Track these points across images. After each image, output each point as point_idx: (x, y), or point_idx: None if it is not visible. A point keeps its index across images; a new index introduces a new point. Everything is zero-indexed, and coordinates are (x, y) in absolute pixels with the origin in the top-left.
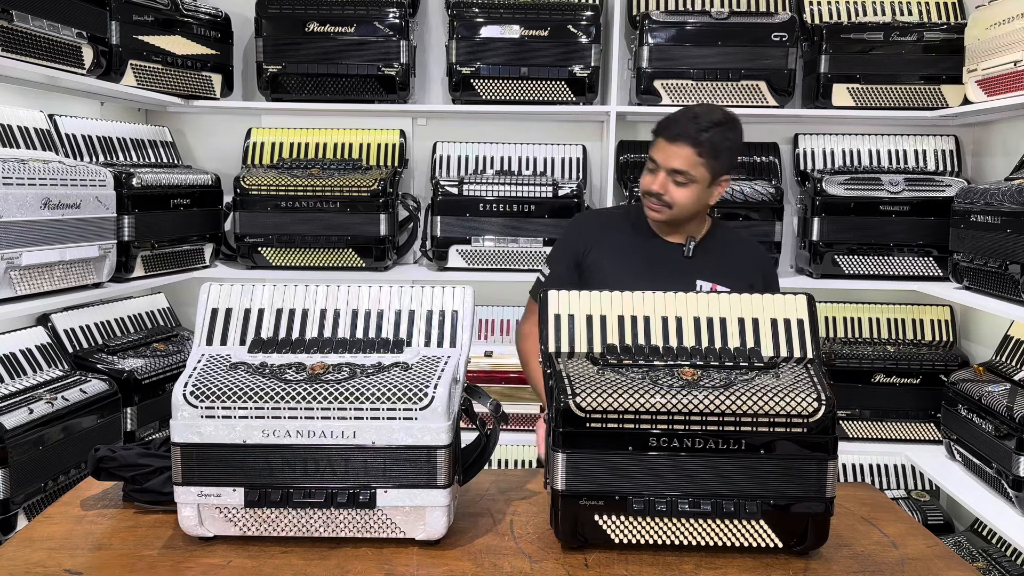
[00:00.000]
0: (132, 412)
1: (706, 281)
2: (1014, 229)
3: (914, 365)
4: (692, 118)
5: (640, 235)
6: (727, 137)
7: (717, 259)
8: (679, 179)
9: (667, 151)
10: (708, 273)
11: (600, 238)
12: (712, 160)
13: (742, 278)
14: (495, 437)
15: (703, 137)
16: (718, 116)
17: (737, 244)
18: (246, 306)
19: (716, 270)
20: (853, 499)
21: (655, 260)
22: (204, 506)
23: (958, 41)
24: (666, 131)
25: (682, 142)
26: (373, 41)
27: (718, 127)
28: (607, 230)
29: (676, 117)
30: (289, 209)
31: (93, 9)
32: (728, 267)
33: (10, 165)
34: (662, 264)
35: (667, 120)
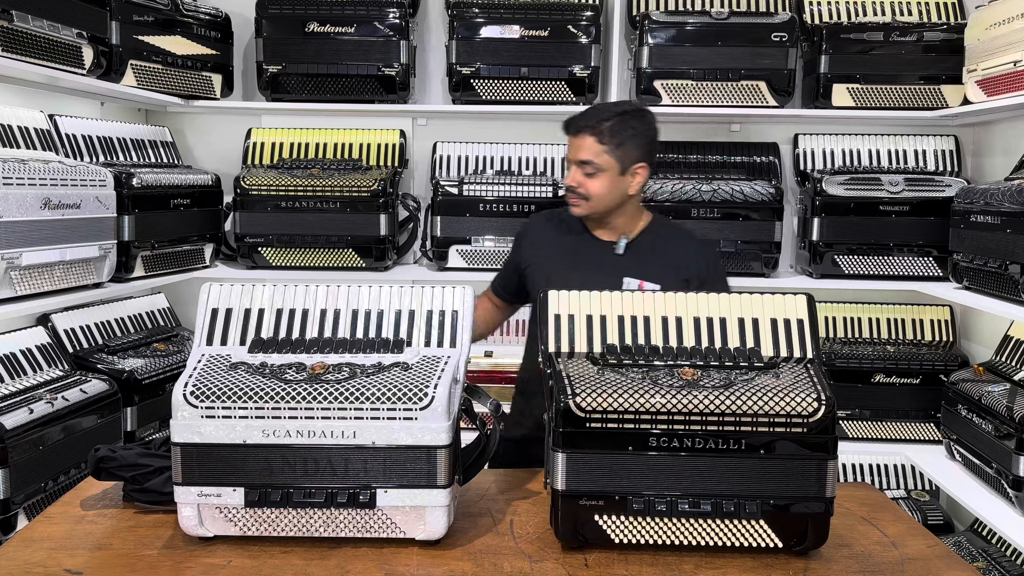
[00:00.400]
0: (132, 412)
1: (633, 278)
2: (1014, 229)
3: (914, 365)
4: (594, 111)
5: (579, 235)
6: (630, 125)
7: (648, 256)
8: (588, 170)
9: (573, 145)
10: (636, 270)
11: (539, 238)
12: (616, 148)
13: (674, 274)
14: (495, 437)
15: (603, 126)
16: (622, 107)
17: (673, 240)
18: (246, 306)
19: (645, 267)
20: (853, 499)
21: (586, 258)
22: (204, 506)
23: (958, 41)
24: (570, 127)
25: (584, 133)
26: (373, 41)
27: (619, 116)
28: (548, 231)
29: (581, 113)
30: (289, 209)
31: (93, 9)
32: (659, 263)
33: (10, 165)
34: (592, 261)
35: (571, 116)
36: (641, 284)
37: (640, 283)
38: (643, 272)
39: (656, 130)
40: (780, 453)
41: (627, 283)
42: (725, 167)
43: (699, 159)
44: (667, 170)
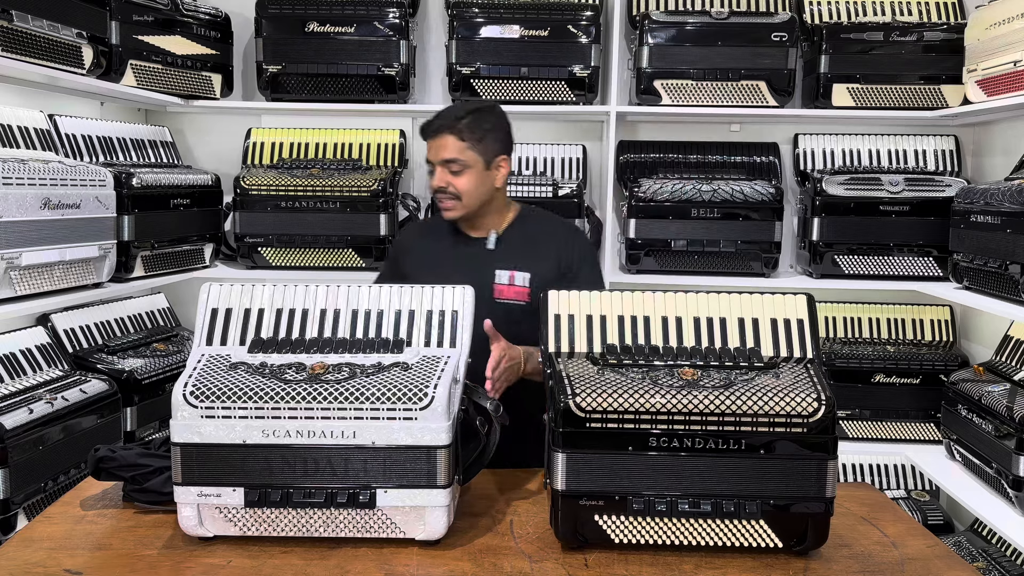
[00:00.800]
0: (132, 412)
1: (504, 270)
2: (1014, 229)
3: (914, 365)
4: (447, 112)
5: (449, 237)
6: (485, 120)
7: (518, 246)
8: (454, 168)
9: (434, 147)
10: (507, 262)
11: (413, 247)
12: (477, 143)
13: (543, 260)
14: (495, 437)
15: (461, 124)
16: (473, 105)
17: (542, 229)
18: (246, 306)
19: (516, 258)
20: (853, 499)
21: (459, 258)
22: (204, 506)
23: (958, 41)
24: (427, 130)
25: (443, 133)
26: (373, 41)
27: (473, 113)
28: (422, 238)
29: (435, 115)
30: (289, 209)
31: (93, 9)
32: (530, 253)
33: (10, 165)
34: (465, 260)
35: (427, 121)
36: (512, 275)
37: (511, 274)
38: (514, 263)
39: (509, 123)
40: (780, 453)
41: (499, 275)
42: (725, 167)
43: (699, 159)
44: (667, 170)
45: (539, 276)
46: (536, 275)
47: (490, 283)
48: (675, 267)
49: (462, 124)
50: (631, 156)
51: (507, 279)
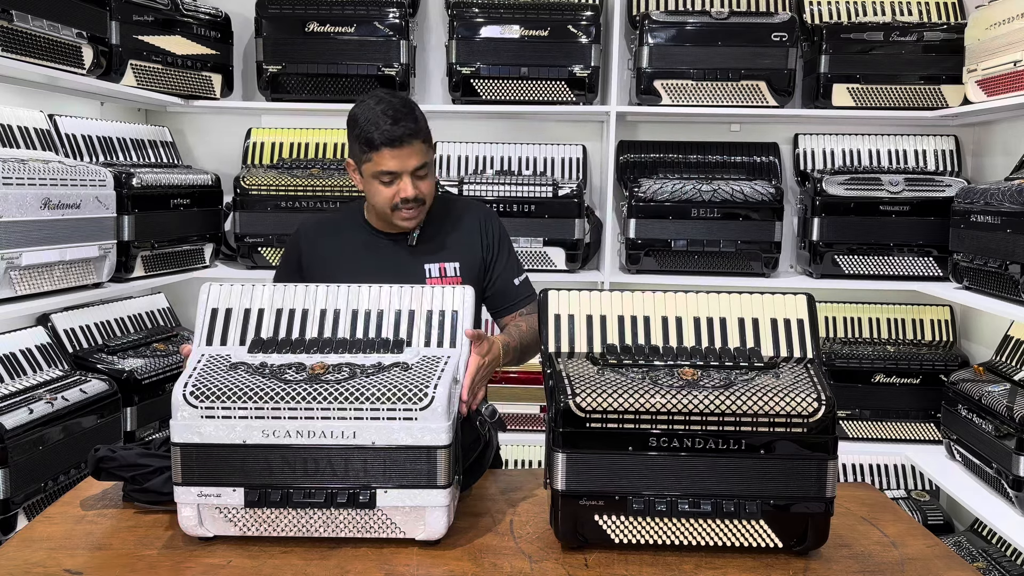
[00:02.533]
0: (132, 412)
1: (432, 264)
2: (1014, 229)
3: (914, 365)
4: (401, 114)
5: (363, 236)
6: (422, 113)
7: (439, 238)
8: (421, 173)
9: (401, 155)
10: (433, 256)
11: (313, 247)
12: (431, 139)
13: (466, 247)
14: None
15: (421, 125)
16: (405, 100)
17: (458, 215)
18: (246, 306)
19: (440, 250)
20: (853, 499)
21: (380, 258)
22: (204, 506)
23: (958, 41)
24: (387, 139)
25: (414, 140)
26: (373, 41)
27: (415, 109)
28: (322, 238)
29: (383, 124)
30: (289, 209)
31: (93, 9)
32: (450, 242)
33: (10, 165)
34: (387, 260)
35: (378, 129)
36: (442, 267)
37: (441, 266)
38: (441, 256)
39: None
40: (780, 453)
41: (428, 270)
42: (725, 167)
43: (699, 159)
44: (667, 170)
45: (465, 264)
46: (463, 263)
47: (420, 279)
48: (675, 267)
49: (420, 125)
50: (631, 156)
51: (438, 272)
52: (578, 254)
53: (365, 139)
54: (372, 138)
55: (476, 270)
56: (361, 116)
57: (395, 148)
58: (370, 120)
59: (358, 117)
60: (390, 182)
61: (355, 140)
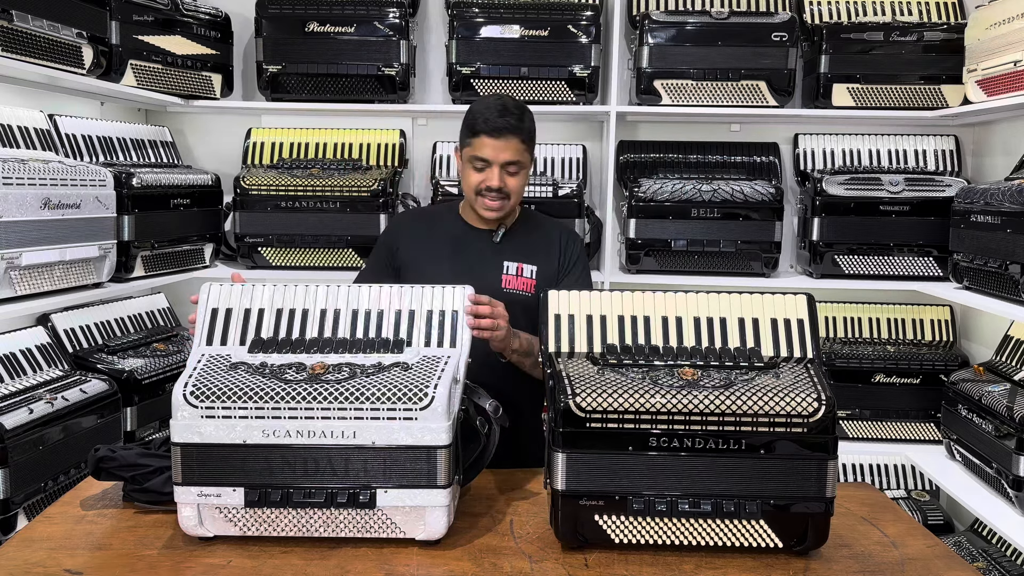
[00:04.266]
0: (132, 412)
1: (512, 262)
2: (1014, 229)
3: (914, 365)
4: (505, 111)
5: (454, 227)
6: (531, 119)
7: (523, 242)
8: (512, 169)
9: (496, 146)
10: (514, 255)
11: (411, 235)
12: (532, 145)
13: (547, 259)
14: (495, 438)
15: (524, 126)
16: (519, 103)
17: (543, 228)
18: (246, 306)
19: (521, 252)
20: (853, 499)
21: (464, 249)
22: (204, 506)
23: (958, 41)
24: (488, 128)
25: (511, 135)
26: (373, 41)
27: (525, 112)
28: (421, 226)
29: (489, 115)
30: (289, 209)
31: (93, 9)
32: (532, 248)
33: (10, 165)
34: (470, 252)
35: (483, 118)
36: (520, 267)
37: (519, 266)
38: (521, 257)
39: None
40: (780, 453)
41: (507, 266)
42: (725, 167)
43: (699, 159)
44: (667, 170)
45: (542, 272)
46: (539, 269)
47: (498, 273)
48: (675, 267)
49: (524, 126)
50: (631, 156)
51: (515, 270)
52: None
53: (470, 125)
54: (476, 125)
55: (550, 280)
56: (476, 106)
57: (493, 137)
58: (481, 110)
59: (473, 106)
60: (481, 168)
61: (464, 126)
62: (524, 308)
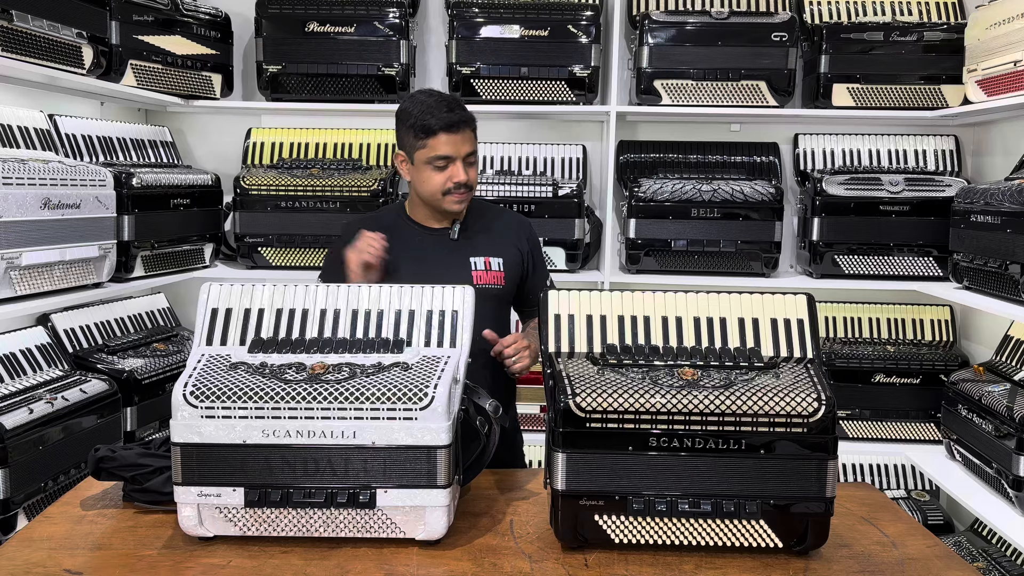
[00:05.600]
0: (132, 412)
1: (477, 257)
2: (1014, 229)
3: (914, 365)
4: (453, 102)
5: (409, 232)
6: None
7: (482, 235)
8: (471, 160)
9: (455, 141)
10: (477, 250)
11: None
12: (477, 131)
13: (506, 247)
14: (495, 438)
15: (469, 115)
16: (454, 95)
17: (496, 216)
18: (246, 306)
19: (484, 246)
20: (853, 499)
21: (424, 251)
22: (204, 506)
23: (958, 41)
24: (444, 124)
25: (464, 127)
26: (373, 41)
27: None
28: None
29: (439, 112)
30: (289, 209)
31: (93, 9)
32: (494, 240)
33: (10, 165)
34: (431, 253)
35: (435, 116)
36: (487, 260)
37: (485, 259)
38: (484, 251)
39: None
40: (780, 453)
41: (474, 262)
42: (725, 167)
43: (699, 159)
44: (667, 170)
45: (508, 262)
46: (505, 260)
47: (466, 271)
48: (675, 267)
49: (471, 115)
50: (631, 156)
51: (483, 265)
52: (578, 254)
53: (421, 126)
54: (429, 124)
55: (517, 269)
56: (414, 107)
57: (451, 133)
58: (425, 110)
59: (411, 109)
60: (444, 167)
61: (409, 130)
62: (498, 301)
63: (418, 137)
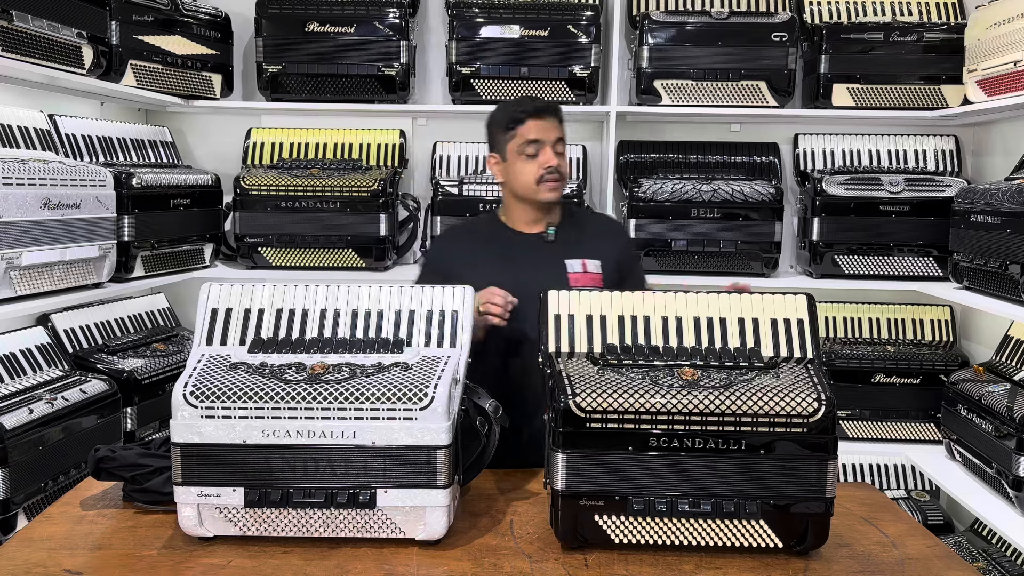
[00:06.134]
0: (132, 412)
1: (574, 259)
2: (1014, 229)
3: (914, 365)
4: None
5: (502, 236)
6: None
7: (578, 238)
8: (559, 148)
9: (543, 126)
10: (573, 252)
11: (460, 251)
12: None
13: (604, 251)
14: (495, 437)
15: (555, 106)
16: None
17: (594, 220)
18: (246, 306)
19: (580, 248)
20: (853, 499)
21: (520, 255)
22: (204, 506)
23: (958, 41)
24: (531, 111)
25: (549, 114)
26: (373, 41)
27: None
28: (466, 241)
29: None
30: (289, 209)
31: (93, 9)
32: (591, 242)
33: (10, 165)
34: (527, 257)
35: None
36: (584, 263)
37: (583, 262)
38: (579, 253)
39: None
40: (780, 453)
41: (570, 265)
42: (725, 167)
43: (699, 159)
44: (667, 170)
45: (606, 265)
46: (604, 263)
47: (562, 273)
48: (675, 267)
49: (556, 105)
50: (631, 156)
51: (580, 267)
52: None
53: (510, 117)
54: (517, 114)
55: (614, 271)
56: (501, 108)
57: (539, 119)
58: (511, 105)
59: (498, 110)
60: (535, 154)
61: (498, 127)
62: None
63: (508, 129)
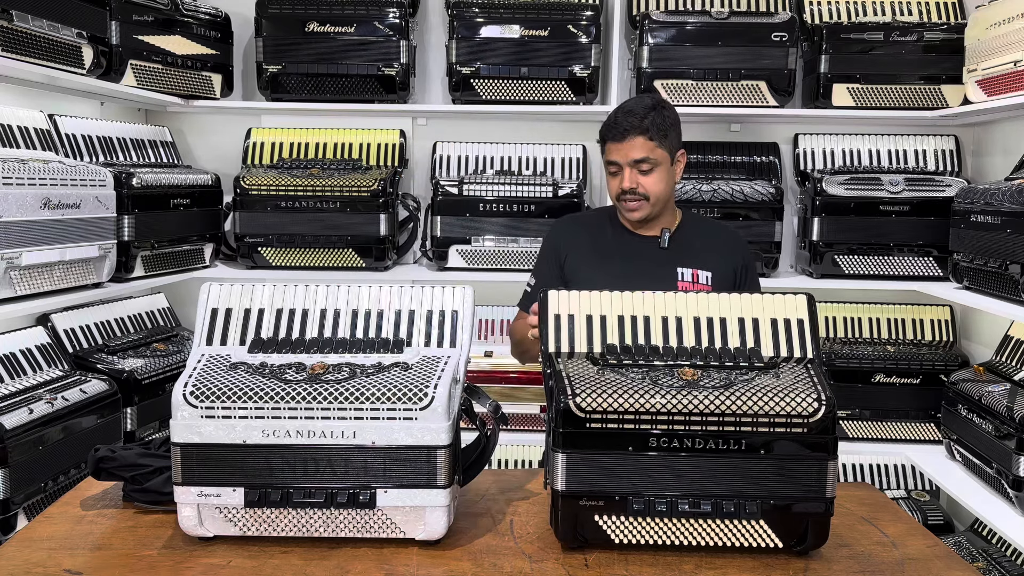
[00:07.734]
0: (132, 412)
1: (686, 268)
2: (1014, 229)
3: (914, 365)
4: (627, 113)
5: (616, 234)
6: (665, 116)
7: (693, 246)
8: (644, 167)
9: (620, 149)
10: (686, 261)
11: (576, 243)
12: (663, 140)
13: (721, 263)
14: (495, 438)
15: (646, 123)
16: (648, 101)
17: (712, 230)
18: (246, 306)
19: (694, 257)
20: (853, 499)
21: (632, 256)
22: (204, 506)
23: (958, 41)
24: (612, 134)
25: (632, 135)
26: (373, 41)
27: (654, 109)
28: (583, 234)
29: (614, 119)
30: (289, 209)
31: (93, 9)
32: (705, 253)
33: (10, 165)
34: (639, 259)
35: (608, 123)
36: (695, 273)
37: (694, 272)
38: (692, 262)
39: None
40: (780, 453)
41: (681, 273)
42: (725, 167)
43: (699, 159)
44: None
45: (717, 277)
46: (715, 275)
47: (672, 280)
48: None
49: (648, 122)
50: None
51: (690, 277)
52: None
53: (600, 134)
54: (603, 132)
55: (727, 284)
56: (608, 116)
57: (615, 141)
58: (610, 116)
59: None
60: (615, 173)
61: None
62: None
63: (601, 144)
